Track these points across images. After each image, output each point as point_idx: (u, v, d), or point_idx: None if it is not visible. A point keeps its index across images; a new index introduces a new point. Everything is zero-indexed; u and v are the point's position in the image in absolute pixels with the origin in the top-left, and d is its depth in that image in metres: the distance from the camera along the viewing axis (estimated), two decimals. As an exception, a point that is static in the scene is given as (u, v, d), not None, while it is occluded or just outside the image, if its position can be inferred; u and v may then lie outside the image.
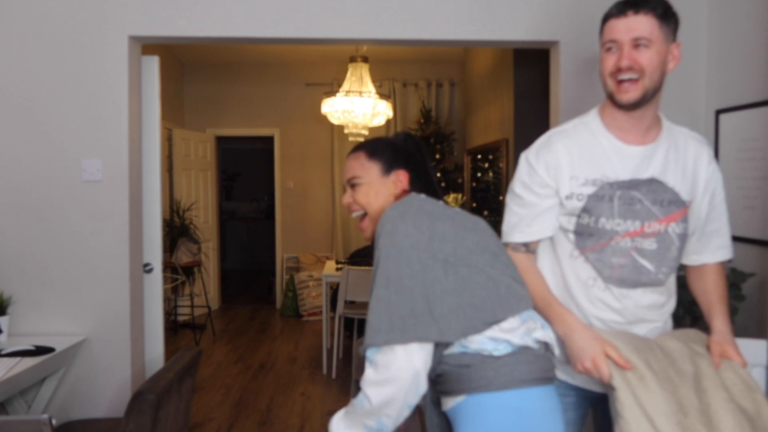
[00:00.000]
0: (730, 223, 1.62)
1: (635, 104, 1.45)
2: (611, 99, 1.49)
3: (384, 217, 1.36)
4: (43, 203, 2.77)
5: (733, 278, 2.49)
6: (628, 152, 1.49)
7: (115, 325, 2.79)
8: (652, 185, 1.47)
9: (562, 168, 1.50)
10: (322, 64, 6.74)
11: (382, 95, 5.15)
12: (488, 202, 5.20)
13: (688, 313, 2.68)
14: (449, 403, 1.36)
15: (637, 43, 1.41)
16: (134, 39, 2.82)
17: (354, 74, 5.08)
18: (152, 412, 1.83)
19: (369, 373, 1.28)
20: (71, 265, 2.78)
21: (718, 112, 2.75)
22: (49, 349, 2.50)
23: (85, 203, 2.77)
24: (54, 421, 1.72)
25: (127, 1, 2.75)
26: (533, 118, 4.15)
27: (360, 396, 1.31)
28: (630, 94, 1.43)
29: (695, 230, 1.55)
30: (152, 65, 2.99)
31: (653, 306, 1.55)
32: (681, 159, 1.51)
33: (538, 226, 1.54)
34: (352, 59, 5.15)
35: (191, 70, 6.80)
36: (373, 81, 5.29)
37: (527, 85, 4.27)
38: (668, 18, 1.43)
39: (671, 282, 1.60)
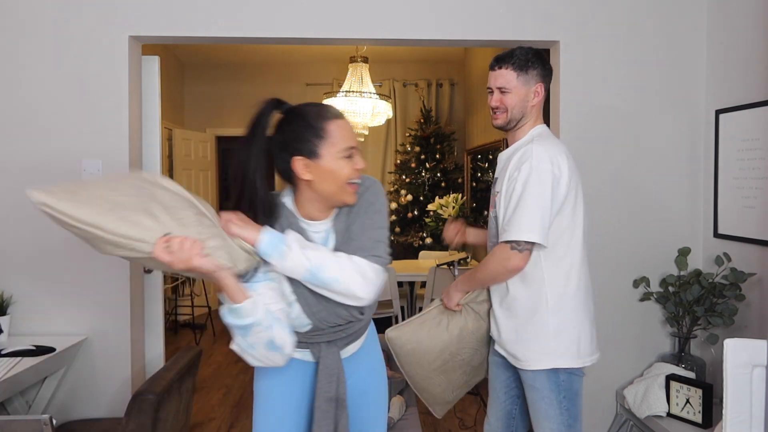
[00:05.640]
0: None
1: (502, 128, 2.01)
2: None
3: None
4: (44, 203, 2.76)
5: (733, 278, 2.49)
6: (498, 158, 2.09)
7: (115, 325, 2.79)
8: (496, 182, 2.03)
9: None
10: (322, 64, 6.74)
11: (382, 95, 5.16)
12: (488, 202, 5.20)
13: (687, 313, 2.68)
14: (354, 348, 1.67)
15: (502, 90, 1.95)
16: (134, 39, 2.82)
17: (354, 74, 5.08)
18: (152, 412, 1.83)
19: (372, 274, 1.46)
20: (71, 265, 2.78)
21: (718, 112, 2.76)
22: (50, 349, 2.50)
23: (85, 203, 2.77)
24: (54, 421, 1.72)
25: (127, 2, 2.75)
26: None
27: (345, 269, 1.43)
28: (497, 121, 2.00)
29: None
30: (152, 65, 2.99)
31: None
32: (510, 164, 1.94)
33: None
34: (352, 59, 5.15)
35: (191, 70, 6.80)
36: (373, 81, 5.29)
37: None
38: (527, 68, 1.93)
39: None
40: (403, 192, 6.29)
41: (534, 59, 1.93)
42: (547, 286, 1.87)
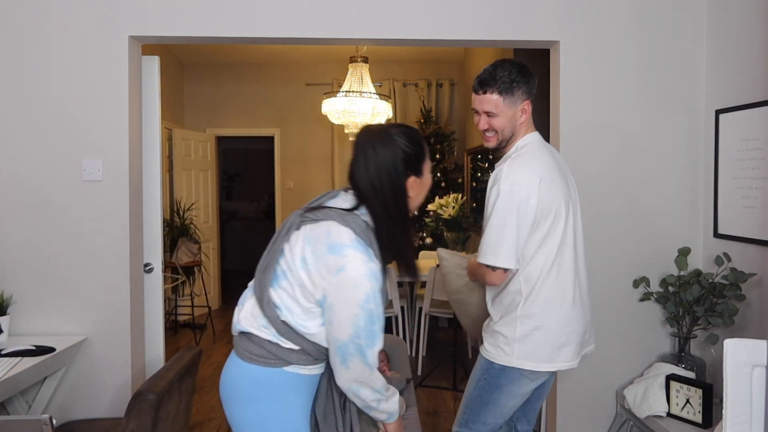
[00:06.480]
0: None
1: (495, 149, 2.05)
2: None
3: None
4: (44, 203, 2.77)
5: (733, 278, 2.49)
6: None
7: (115, 325, 2.79)
8: None
9: None
10: (322, 64, 6.74)
11: (382, 95, 5.15)
12: (488, 202, 5.19)
13: (687, 313, 2.68)
14: None
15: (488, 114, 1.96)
16: (134, 39, 2.82)
17: (354, 74, 5.07)
18: (152, 412, 1.83)
19: None
20: (72, 265, 2.78)
21: (718, 112, 2.76)
22: (50, 349, 2.50)
23: (85, 203, 2.77)
24: (54, 421, 1.72)
25: (127, 1, 2.75)
26: (533, 118, 4.14)
27: None
28: (490, 143, 2.03)
29: None
30: (152, 65, 2.99)
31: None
32: (489, 182, 1.96)
33: None
34: (352, 59, 5.15)
35: (191, 70, 6.80)
36: (373, 81, 5.28)
37: (527, 85, 4.27)
38: (512, 89, 1.92)
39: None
40: (403, 192, 6.28)
41: (518, 78, 1.92)
42: (521, 296, 1.91)
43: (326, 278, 1.43)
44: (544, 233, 1.89)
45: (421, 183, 1.57)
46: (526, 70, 1.96)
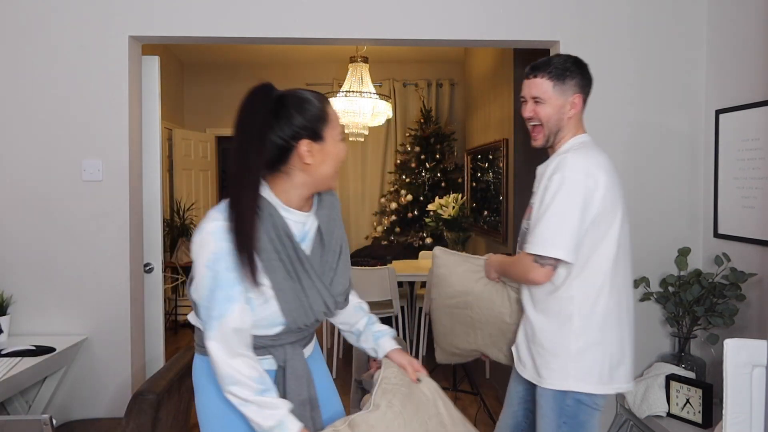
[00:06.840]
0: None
1: (542, 147, 1.90)
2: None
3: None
4: (44, 203, 2.77)
5: (734, 278, 2.49)
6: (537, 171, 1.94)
7: (115, 325, 2.79)
8: (533, 196, 1.89)
9: None
10: (322, 64, 6.74)
11: (382, 95, 5.16)
12: (488, 202, 5.20)
13: (687, 313, 2.68)
14: (309, 350, 1.63)
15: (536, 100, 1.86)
16: (134, 39, 2.82)
17: (354, 74, 5.08)
18: (152, 412, 1.83)
19: None
20: (72, 265, 2.78)
21: (718, 112, 2.76)
22: (50, 349, 2.50)
23: (85, 203, 2.77)
24: (54, 421, 1.72)
25: (127, 2, 2.75)
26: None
27: None
28: (537, 141, 1.90)
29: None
30: (152, 65, 2.99)
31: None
32: (545, 174, 1.83)
33: None
34: (352, 59, 5.15)
35: (191, 70, 6.81)
36: (373, 81, 5.29)
37: (527, 85, 4.27)
38: (564, 77, 1.83)
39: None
40: (403, 192, 6.29)
41: (573, 68, 1.84)
42: (574, 305, 1.76)
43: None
44: (603, 233, 1.74)
45: (323, 149, 1.42)
46: (583, 64, 1.87)
